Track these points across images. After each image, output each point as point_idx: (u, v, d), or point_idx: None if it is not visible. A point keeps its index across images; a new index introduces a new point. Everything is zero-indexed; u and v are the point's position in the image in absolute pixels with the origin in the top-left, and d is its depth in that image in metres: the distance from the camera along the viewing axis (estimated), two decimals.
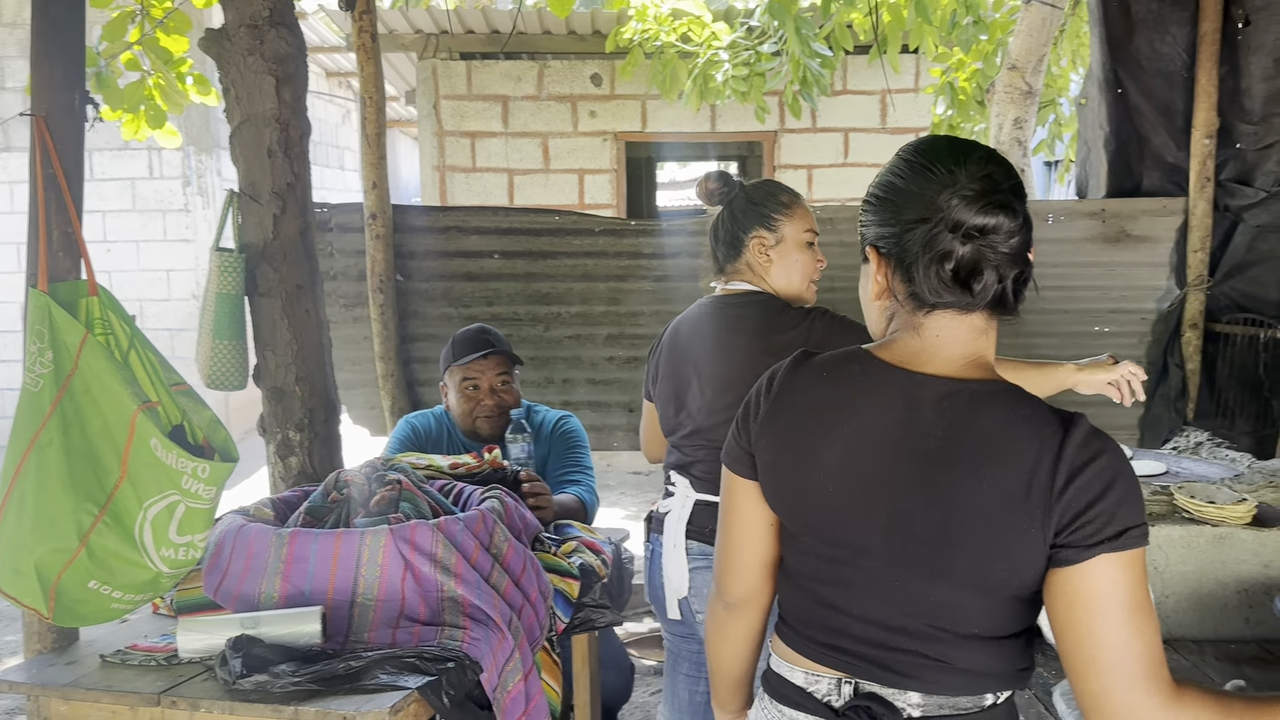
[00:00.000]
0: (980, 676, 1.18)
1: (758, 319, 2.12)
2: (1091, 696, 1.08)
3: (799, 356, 1.30)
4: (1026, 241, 1.17)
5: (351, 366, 4.05)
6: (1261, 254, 4.04)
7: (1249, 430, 4.03)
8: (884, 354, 1.23)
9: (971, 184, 1.15)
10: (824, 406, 1.23)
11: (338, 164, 10.91)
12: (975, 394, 1.16)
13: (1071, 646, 1.09)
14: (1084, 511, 1.07)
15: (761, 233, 2.18)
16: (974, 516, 1.11)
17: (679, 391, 2.24)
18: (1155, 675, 1.06)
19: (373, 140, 3.84)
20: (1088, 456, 1.08)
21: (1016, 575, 1.12)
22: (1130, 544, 1.07)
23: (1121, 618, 1.06)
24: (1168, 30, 4.02)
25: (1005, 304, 1.18)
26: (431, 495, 2.17)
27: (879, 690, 1.20)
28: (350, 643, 1.85)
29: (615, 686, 2.96)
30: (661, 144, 8.04)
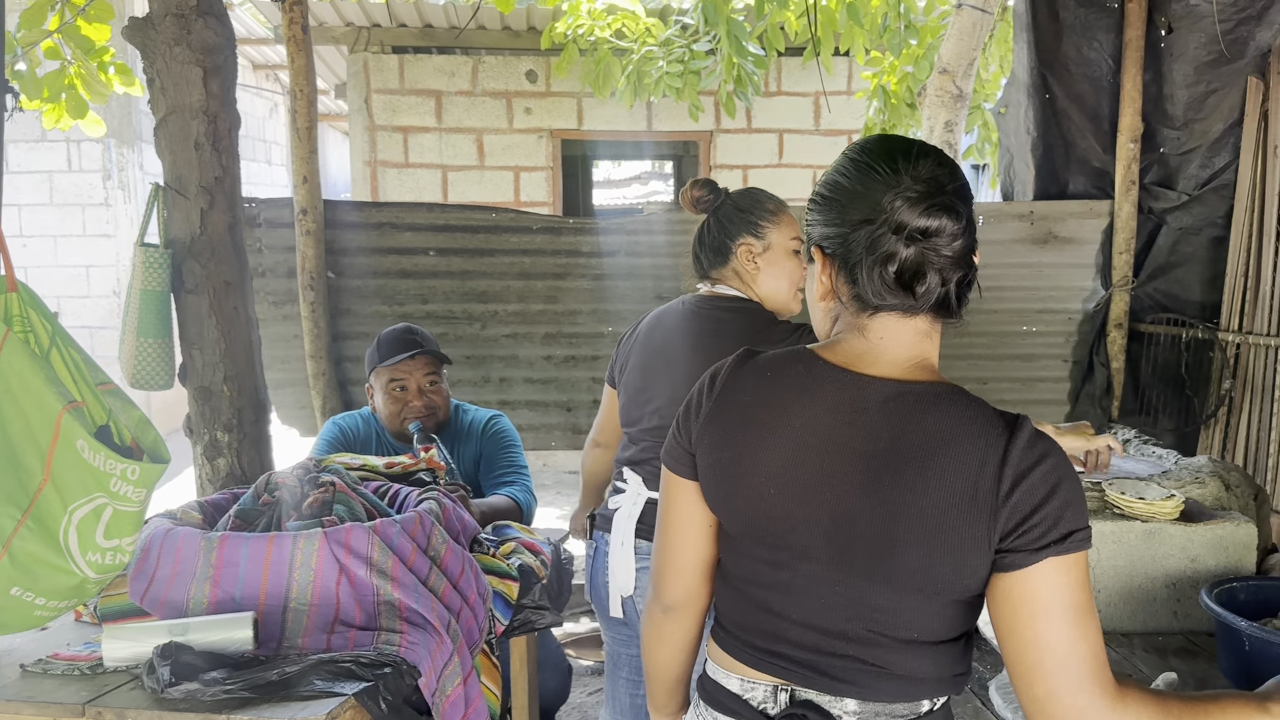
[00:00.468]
0: (918, 682, 1.17)
1: (746, 326, 2.11)
2: (1038, 700, 1.09)
3: (742, 355, 1.28)
4: (970, 244, 1.17)
5: (281, 365, 3.96)
6: (1184, 256, 4.16)
7: (1171, 427, 4.15)
8: (828, 355, 1.22)
9: (916, 185, 1.14)
10: (767, 406, 1.21)
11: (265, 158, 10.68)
12: (920, 396, 1.15)
13: (1017, 650, 1.09)
14: (1030, 515, 1.07)
15: (749, 240, 2.18)
16: (919, 520, 1.10)
17: (649, 384, 2.21)
18: (1100, 677, 1.07)
19: (304, 134, 3.76)
20: (1033, 460, 1.08)
21: (960, 579, 1.11)
22: (1075, 547, 1.08)
23: (1067, 620, 1.07)
24: (1095, 36, 4.11)
25: (948, 307, 1.17)
26: (366, 497, 2.13)
27: (815, 698, 1.19)
28: (284, 649, 1.80)
29: (553, 688, 2.94)
30: (598, 142, 8.02)
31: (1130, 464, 2.37)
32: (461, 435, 2.94)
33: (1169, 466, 2.29)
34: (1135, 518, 1.97)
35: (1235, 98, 3.92)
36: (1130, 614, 1.98)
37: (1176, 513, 1.98)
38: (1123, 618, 1.98)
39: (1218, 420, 4.04)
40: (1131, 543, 1.95)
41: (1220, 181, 4.02)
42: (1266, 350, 3.85)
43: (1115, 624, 1.98)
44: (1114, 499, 2.00)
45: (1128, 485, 2.01)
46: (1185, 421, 4.13)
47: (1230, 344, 3.97)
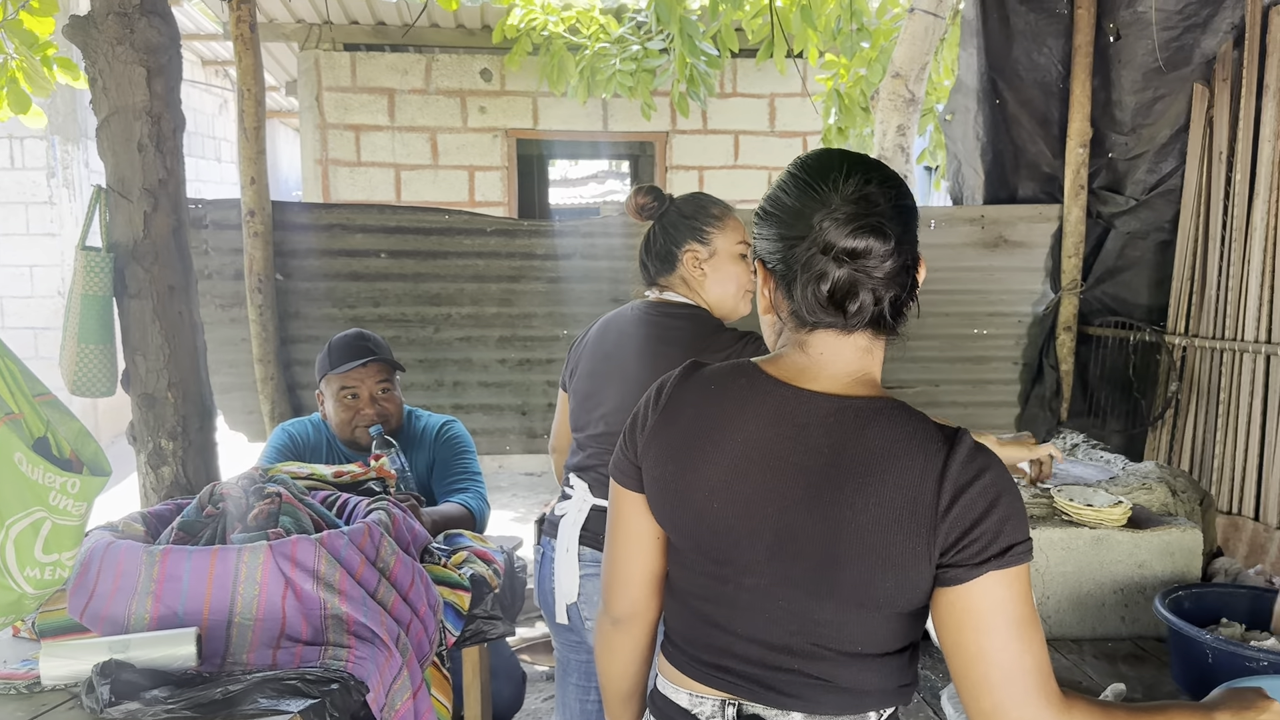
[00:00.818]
0: (862, 694, 1.17)
1: (692, 332, 2.11)
2: (984, 714, 1.09)
3: (688, 367, 1.28)
4: (905, 262, 1.16)
5: (228, 370, 3.89)
6: (1131, 260, 4.22)
7: (1119, 429, 4.21)
8: (771, 369, 1.22)
9: (845, 206, 1.13)
10: (710, 421, 1.21)
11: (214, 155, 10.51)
12: (860, 412, 1.15)
13: (963, 665, 1.10)
14: (969, 530, 1.07)
15: (694, 246, 2.17)
16: (860, 534, 1.10)
17: (597, 390, 2.20)
18: (1045, 689, 1.07)
19: (251, 134, 3.69)
20: (972, 474, 1.09)
21: (902, 593, 1.12)
22: (1015, 560, 1.08)
23: (1011, 634, 1.07)
24: (1044, 42, 4.16)
25: (883, 324, 1.17)
26: (314, 508, 2.09)
27: (762, 711, 1.19)
28: (228, 665, 1.76)
29: (507, 697, 2.91)
30: (553, 141, 7.99)
31: (1079, 469, 2.40)
32: (414, 442, 2.90)
33: (1116, 472, 2.31)
34: (1083, 524, 1.99)
35: (1181, 104, 3.99)
36: (1079, 620, 1.99)
37: (1124, 519, 2.00)
38: (1072, 624, 1.99)
39: (1165, 422, 4.11)
40: (1080, 549, 1.97)
41: (1167, 187, 4.09)
42: (1212, 353, 3.92)
43: (1064, 630, 2.00)
44: (1062, 505, 2.02)
45: (1075, 492, 2.03)
46: (1133, 423, 4.20)
47: (1177, 347, 4.04)
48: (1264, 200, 3.71)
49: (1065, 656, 1.92)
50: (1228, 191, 3.87)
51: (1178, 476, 2.23)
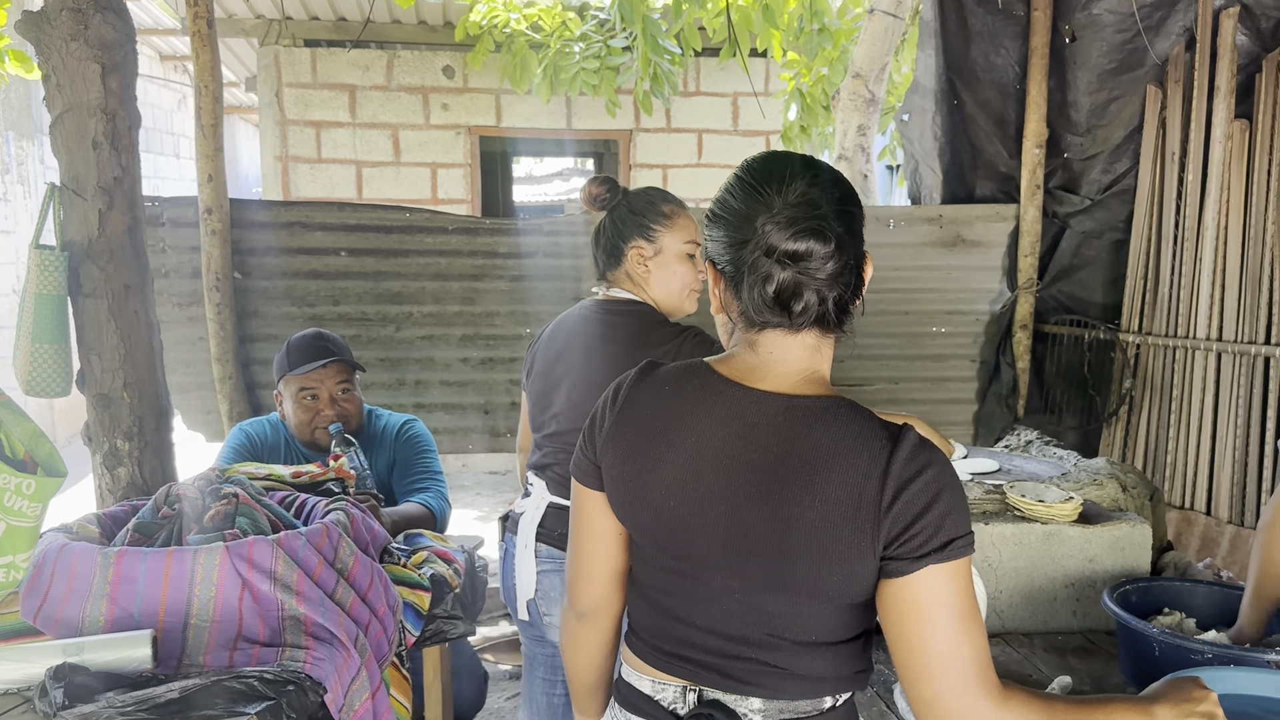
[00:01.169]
0: (818, 681, 1.20)
1: (633, 329, 2.12)
2: (925, 702, 1.11)
3: (644, 368, 1.31)
4: (847, 262, 1.18)
5: (186, 369, 3.85)
6: (1086, 259, 4.29)
7: (1075, 425, 4.28)
8: (723, 369, 1.24)
9: (787, 209, 1.15)
10: (665, 421, 1.24)
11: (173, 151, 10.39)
12: (809, 410, 1.17)
13: (905, 655, 1.12)
14: (912, 524, 1.10)
15: (640, 243, 2.18)
16: (808, 530, 1.12)
17: (548, 390, 2.22)
18: (984, 679, 1.10)
19: (209, 131, 3.66)
20: (914, 470, 1.11)
21: (850, 586, 1.14)
22: (956, 554, 1.10)
23: (951, 625, 1.10)
24: (1002, 43, 4.22)
25: (829, 324, 1.19)
26: (271, 509, 2.08)
27: (721, 697, 1.22)
28: (184, 667, 1.75)
29: (469, 697, 2.91)
30: (517, 139, 7.97)
31: (1032, 465, 2.43)
32: (375, 441, 2.89)
33: (1068, 468, 2.35)
34: (1035, 520, 2.03)
35: (1135, 105, 4.06)
36: (1031, 614, 2.03)
37: (1075, 514, 2.04)
38: (1023, 618, 2.03)
39: (1119, 418, 4.18)
40: (1032, 544, 2.01)
41: (1121, 187, 4.16)
42: (1165, 350, 4.00)
43: (1016, 624, 2.03)
44: (1014, 501, 2.05)
45: (1028, 488, 2.07)
46: (1088, 419, 4.27)
47: (1130, 344, 4.11)
48: (1215, 200, 3.78)
49: (1016, 650, 1.95)
50: (1180, 191, 3.94)
51: (1128, 472, 2.28)
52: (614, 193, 2.22)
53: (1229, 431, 3.73)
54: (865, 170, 4.82)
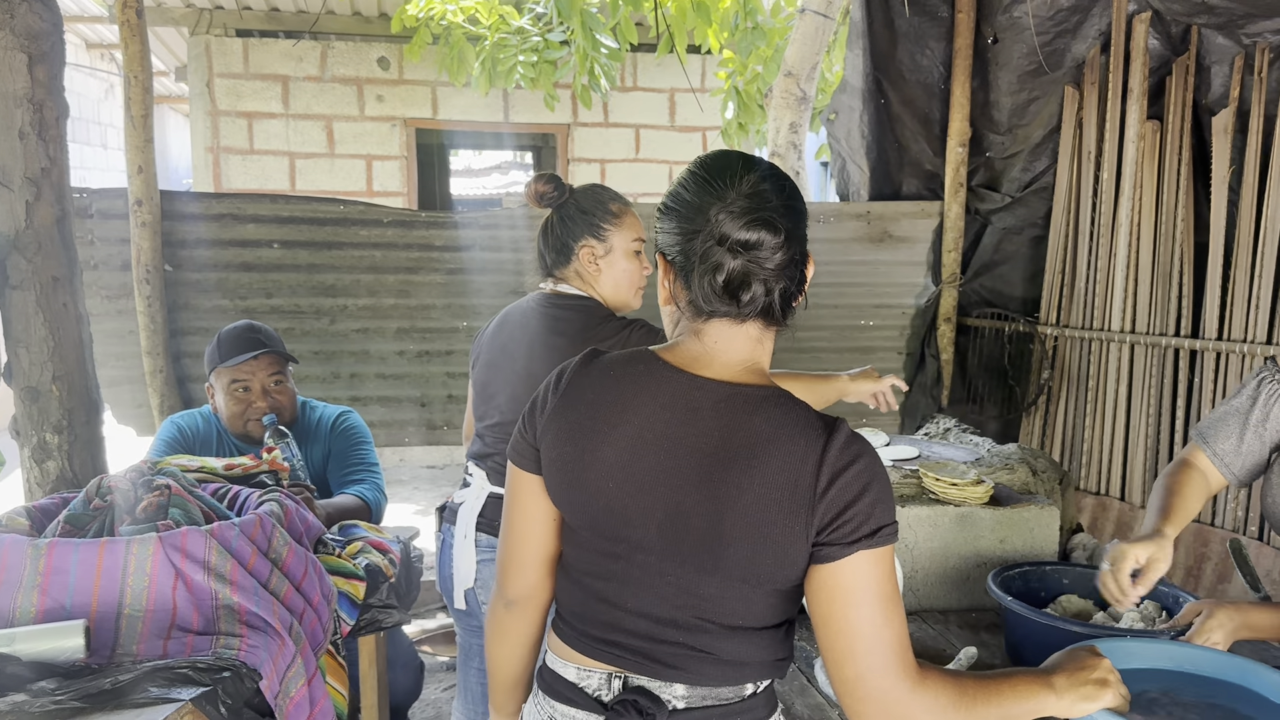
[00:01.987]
0: (742, 666, 1.25)
1: (581, 323, 2.16)
2: (847, 682, 1.17)
3: (588, 354, 1.34)
4: (793, 257, 1.23)
5: (116, 362, 3.81)
6: (1007, 254, 4.43)
7: (996, 414, 4.42)
8: (668, 356, 1.28)
9: (739, 200, 1.21)
10: (608, 404, 1.27)
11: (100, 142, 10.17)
12: (749, 399, 1.22)
13: (831, 637, 1.18)
14: (844, 511, 1.16)
15: (591, 242, 2.22)
16: (744, 515, 1.18)
17: (492, 381, 2.25)
18: (903, 660, 1.16)
19: (138, 122, 3.62)
20: (847, 460, 1.17)
21: (781, 571, 1.19)
22: (883, 541, 1.17)
23: (875, 608, 1.16)
24: (927, 44, 4.33)
25: (773, 315, 1.25)
26: (204, 500, 2.09)
27: (646, 683, 1.26)
28: (118, 656, 1.76)
29: (405, 686, 2.93)
30: (454, 132, 7.95)
31: (949, 451, 2.53)
32: (309, 433, 2.90)
33: (982, 454, 2.45)
34: (949, 502, 2.12)
35: (1054, 106, 4.20)
36: (945, 593, 2.12)
37: (986, 497, 2.13)
38: (939, 596, 2.12)
39: (1038, 407, 4.33)
40: (946, 526, 2.10)
41: (1040, 184, 4.30)
42: (1081, 342, 4.15)
43: (933, 602, 2.12)
44: (930, 485, 2.14)
45: (943, 471, 2.16)
46: (1008, 409, 4.41)
47: (1049, 337, 4.26)
48: (1129, 198, 3.93)
49: (932, 626, 2.04)
50: (1096, 189, 4.09)
51: (1038, 458, 2.38)
52: (560, 190, 2.25)
53: (1142, 420, 3.89)
54: (797, 167, 4.90)
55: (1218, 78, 3.72)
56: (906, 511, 2.09)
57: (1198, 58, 3.76)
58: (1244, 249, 3.57)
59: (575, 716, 1.29)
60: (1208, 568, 3.58)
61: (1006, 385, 4.40)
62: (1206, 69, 3.75)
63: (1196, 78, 3.77)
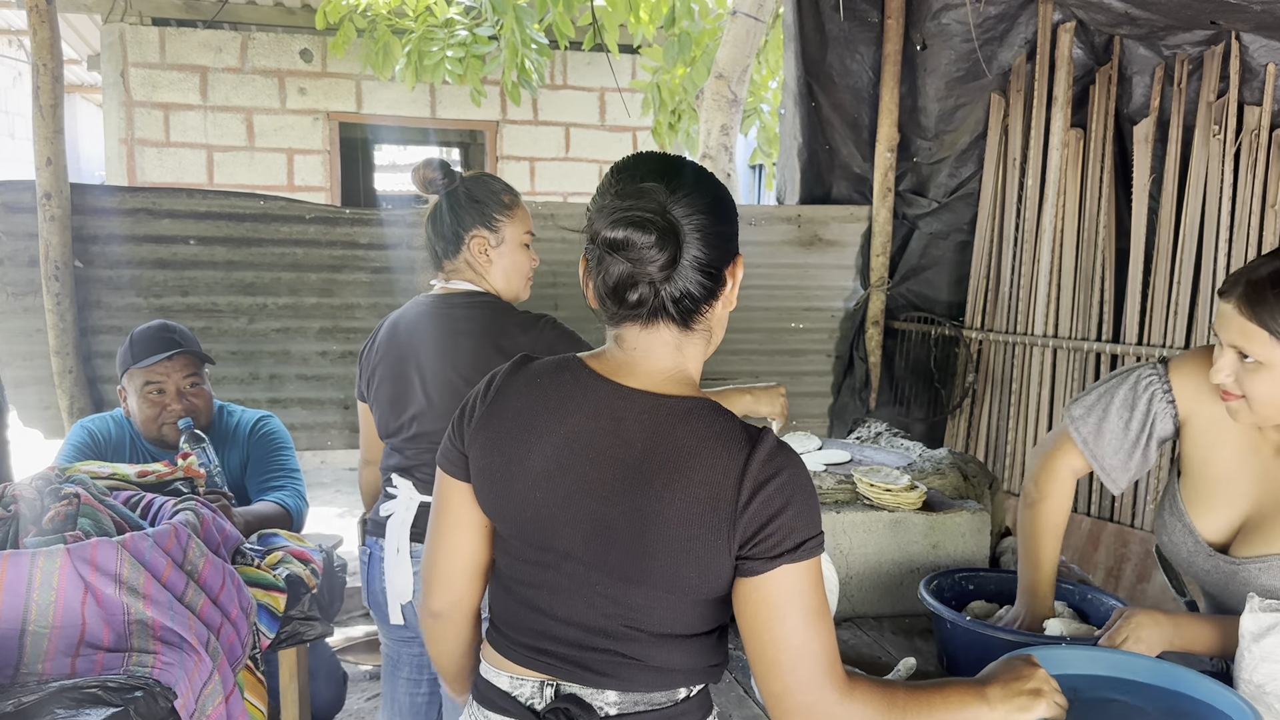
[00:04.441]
0: (673, 673, 1.24)
1: (486, 321, 2.11)
2: (774, 696, 1.17)
3: (518, 361, 1.32)
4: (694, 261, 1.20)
5: (22, 362, 3.64)
6: (933, 259, 4.49)
7: (922, 417, 4.47)
8: (594, 364, 1.26)
9: (613, 200, 1.20)
10: (535, 413, 1.25)
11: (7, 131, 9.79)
12: (673, 410, 1.21)
13: (758, 649, 1.17)
14: (766, 525, 1.14)
15: (483, 233, 2.17)
16: (667, 527, 1.16)
17: (401, 394, 2.18)
18: (830, 673, 1.15)
19: (48, 113, 3.46)
20: (770, 473, 1.15)
21: (706, 582, 1.18)
22: (808, 554, 1.15)
23: (801, 621, 1.15)
24: (857, 49, 4.36)
25: (668, 317, 1.22)
26: (115, 509, 2.00)
27: (578, 691, 1.25)
28: (22, 676, 1.67)
29: (327, 699, 2.85)
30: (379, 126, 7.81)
31: (880, 455, 2.54)
32: (227, 438, 2.80)
33: (914, 459, 2.46)
34: (883, 508, 2.12)
35: (980, 112, 4.26)
36: (879, 598, 2.12)
37: (919, 503, 2.14)
38: (873, 601, 2.12)
39: (963, 410, 4.39)
40: (879, 531, 2.10)
41: (966, 190, 4.36)
42: (1005, 346, 4.22)
43: (866, 608, 2.12)
44: (864, 490, 2.14)
45: (876, 477, 2.16)
46: (934, 411, 4.47)
47: (974, 340, 4.32)
48: (1053, 204, 4.01)
49: (866, 633, 2.04)
50: (1020, 195, 4.16)
51: (969, 462, 2.40)
52: (449, 177, 2.18)
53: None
54: (728, 170, 4.91)
55: (1139, 87, 3.81)
56: (840, 517, 2.08)
57: (1120, 68, 3.85)
58: (1164, 255, 3.66)
59: None
60: (1127, 568, 3.66)
61: (932, 388, 4.45)
62: (1128, 79, 3.84)
63: (1119, 87, 3.86)
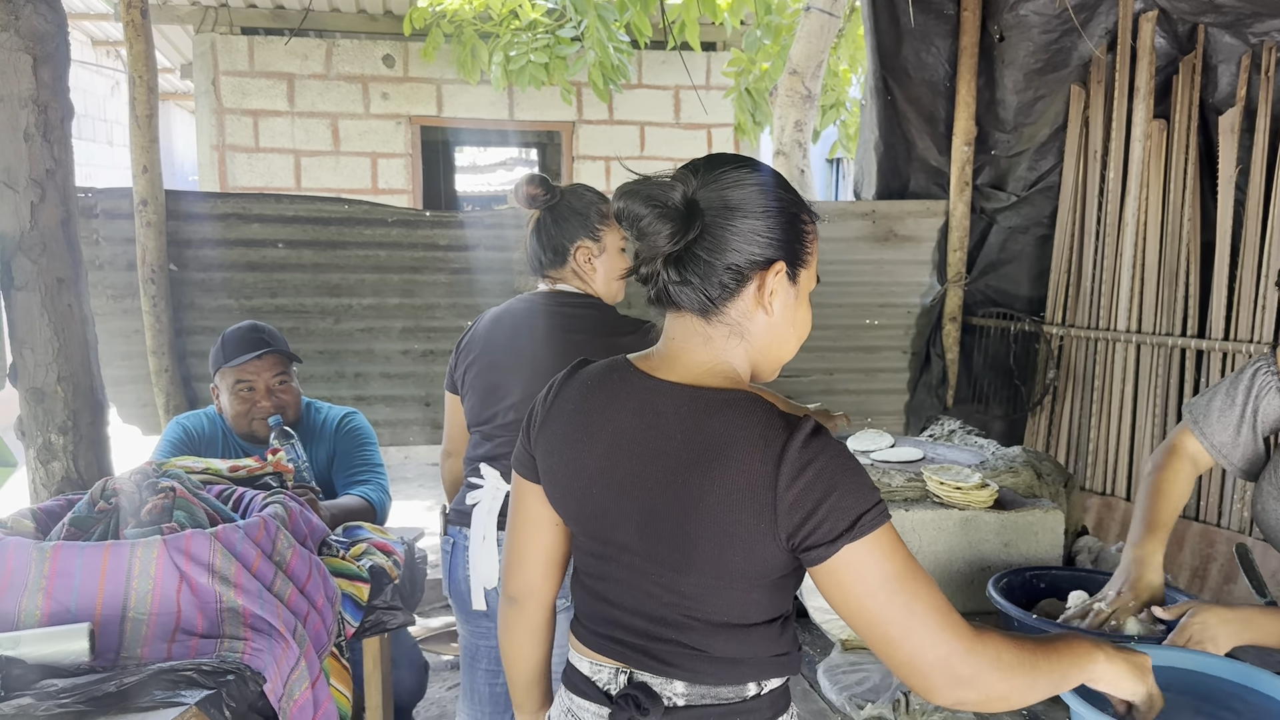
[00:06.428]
0: (739, 665, 1.26)
1: (598, 320, 2.22)
2: (905, 666, 1.17)
3: (574, 366, 1.38)
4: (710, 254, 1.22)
5: (121, 362, 3.82)
6: (1012, 253, 4.42)
7: (1001, 414, 4.41)
8: (640, 363, 1.31)
9: (638, 180, 1.24)
10: (588, 414, 1.31)
11: (106, 139, 10.18)
12: (710, 401, 1.23)
13: (864, 630, 1.18)
14: (815, 511, 1.15)
15: (587, 242, 2.26)
16: (708, 515, 1.19)
17: (499, 382, 2.25)
18: (947, 625, 1.15)
19: (143, 122, 3.62)
20: (806, 459, 1.16)
21: (752, 566, 1.20)
22: (868, 528, 1.15)
23: (892, 590, 1.15)
24: (933, 42, 4.32)
25: (691, 307, 1.25)
26: (209, 502, 2.10)
27: (649, 679, 1.28)
28: (122, 659, 1.77)
29: (409, 686, 2.93)
30: (459, 129, 7.95)
31: (954, 453, 2.53)
32: (314, 434, 2.90)
33: (987, 456, 2.44)
34: (954, 506, 2.11)
35: (1060, 104, 4.19)
36: (950, 596, 2.08)
37: (990, 501, 2.12)
38: None
39: (1043, 407, 4.32)
40: (950, 530, 2.09)
41: (1046, 183, 4.29)
42: (1086, 342, 4.14)
43: None
44: (933, 488, 2.14)
45: (946, 474, 2.15)
46: (1014, 409, 4.40)
47: (1054, 336, 4.24)
48: (1135, 197, 3.92)
49: None
50: (1102, 188, 4.07)
51: (1043, 460, 2.37)
52: (550, 192, 2.28)
53: (1148, 420, 3.88)
54: (802, 165, 4.90)
55: (1224, 77, 3.70)
56: (910, 515, 2.08)
57: (1204, 57, 3.74)
58: (1250, 248, 3.55)
59: (586, 708, 1.33)
60: (1213, 569, 3.57)
61: (1012, 385, 4.39)
62: (1213, 68, 3.73)
63: (1203, 77, 3.75)
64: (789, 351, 1.33)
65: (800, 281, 1.30)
